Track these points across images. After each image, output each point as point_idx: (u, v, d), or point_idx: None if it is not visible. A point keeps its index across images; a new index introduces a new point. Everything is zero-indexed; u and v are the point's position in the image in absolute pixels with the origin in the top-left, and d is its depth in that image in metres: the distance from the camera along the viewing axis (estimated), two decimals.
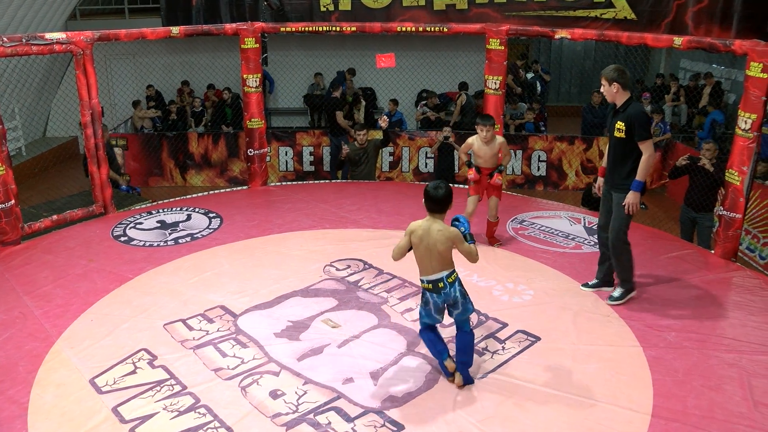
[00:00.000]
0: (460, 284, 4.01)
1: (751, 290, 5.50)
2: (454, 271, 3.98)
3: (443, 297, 3.95)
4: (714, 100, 11.59)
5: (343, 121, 10.05)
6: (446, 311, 4.04)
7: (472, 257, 4.04)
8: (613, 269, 5.25)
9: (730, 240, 6.17)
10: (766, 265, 7.52)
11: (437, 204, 3.94)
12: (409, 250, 4.06)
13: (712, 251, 6.29)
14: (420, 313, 4.12)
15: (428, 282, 3.96)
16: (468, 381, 4.11)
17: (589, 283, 5.41)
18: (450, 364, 4.08)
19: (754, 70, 5.76)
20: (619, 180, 5.03)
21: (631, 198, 4.93)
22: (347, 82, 11.98)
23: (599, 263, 5.41)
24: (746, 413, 3.91)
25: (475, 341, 4.41)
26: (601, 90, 5.07)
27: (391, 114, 10.85)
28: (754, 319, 5.00)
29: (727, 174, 6.18)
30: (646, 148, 4.87)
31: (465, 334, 4.07)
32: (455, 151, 9.91)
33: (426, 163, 10.62)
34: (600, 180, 5.40)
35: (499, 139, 6.10)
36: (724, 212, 6.19)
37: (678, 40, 6.45)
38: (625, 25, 9.98)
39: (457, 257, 4.00)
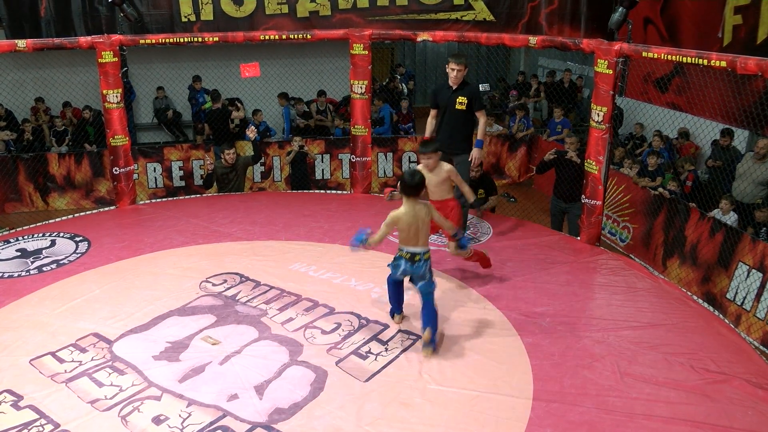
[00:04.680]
0: (430, 263, 4.59)
1: (614, 271, 5.91)
2: (429, 249, 4.57)
3: (413, 268, 4.53)
4: (570, 96, 12.29)
5: (231, 125, 9.99)
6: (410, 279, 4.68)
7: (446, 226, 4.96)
8: None
9: (593, 226, 6.58)
10: (627, 247, 8.04)
11: (415, 189, 4.48)
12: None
13: (579, 238, 6.67)
14: (391, 267, 4.67)
15: (407, 252, 4.53)
16: (432, 345, 4.52)
17: None
18: (398, 320, 4.89)
19: (601, 66, 6.18)
20: (459, 144, 6.20)
21: (477, 153, 6.24)
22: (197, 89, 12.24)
23: None
24: (615, 385, 4.22)
25: (358, 345, 4.61)
26: (453, 73, 6.08)
27: (257, 124, 10.75)
28: (618, 297, 5.38)
29: (585, 164, 6.57)
30: (483, 115, 6.21)
31: (430, 308, 4.55)
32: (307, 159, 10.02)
33: None
34: None
35: (446, 166, 5.42)
36: (586, 200, 6.58)
37: (533, 40, 6.80)
38: (485, 27, 10.36)
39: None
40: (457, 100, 6.15)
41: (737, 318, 5.98)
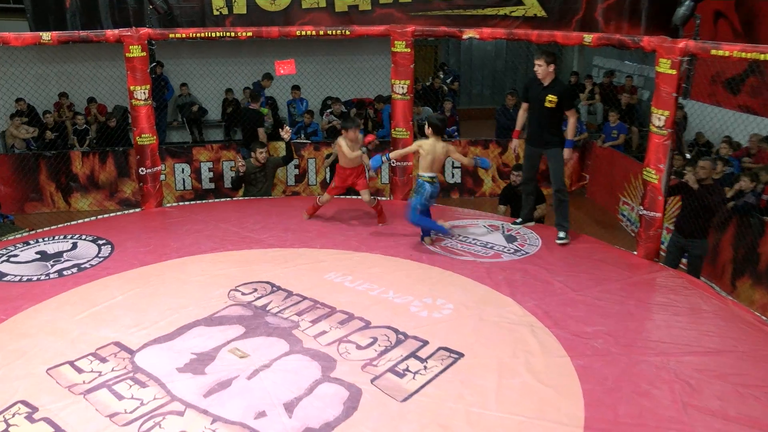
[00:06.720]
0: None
1: (675, 290, 5.76)
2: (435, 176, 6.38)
3: (433, 188, 6.33)
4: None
5: (264, 136, 9.99)
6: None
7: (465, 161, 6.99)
8: (532, 211, 7.19)
9: (651, 240, 6.45)
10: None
11: (442, 130, 6.43)
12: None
13: (657, 261, 6.48)
14: (419, 202, 6.32)
15: (429, 177, 6.33)
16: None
17: (517, 221, 7.19)
18: (429, 242, 6.55)
19: (663, 66, 6.06)
20: (549, 140, 6.63)
21: (569, 154, 6.69)
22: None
23: (523, 207, 7.17)
24: (676, 416, 4.06)
25: (396, 362, 4.57)
26: (535, 68, 6.57)
27: (307, 125, 10.80)
28: (679, 319, 5.23)
29: (644, 172, 6.45)
30: (573, 114, 6.67)
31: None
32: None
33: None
34: (515, 142, 7.10)
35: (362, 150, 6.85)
36: (644, 212, 6.46)
37: (588, 38, 6.73)
38: (535, 23, 10.26)
39: None
40: (547, 97, 6.50)
41: None
